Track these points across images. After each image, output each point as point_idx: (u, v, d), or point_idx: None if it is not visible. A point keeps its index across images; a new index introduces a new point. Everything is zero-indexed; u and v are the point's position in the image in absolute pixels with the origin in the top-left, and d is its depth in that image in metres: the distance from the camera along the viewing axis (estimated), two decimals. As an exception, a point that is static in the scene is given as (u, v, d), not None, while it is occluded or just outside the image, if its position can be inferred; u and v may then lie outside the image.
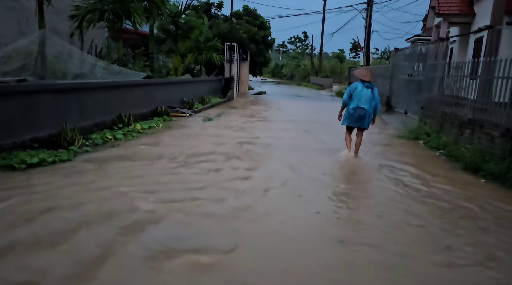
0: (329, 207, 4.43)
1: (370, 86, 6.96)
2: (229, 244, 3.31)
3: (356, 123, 7.01)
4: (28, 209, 3.85)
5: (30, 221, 3.59)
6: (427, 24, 20.36)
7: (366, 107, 6.89)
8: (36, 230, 3.43)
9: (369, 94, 6.90)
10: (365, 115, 6.92)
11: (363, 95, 6.89)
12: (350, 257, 3.23)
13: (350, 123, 7.08)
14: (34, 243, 3.17)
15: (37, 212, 3.78)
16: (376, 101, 7.05)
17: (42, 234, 3.35)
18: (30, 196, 4.23)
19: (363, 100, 6.89)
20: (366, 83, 6.95)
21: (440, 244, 3.51)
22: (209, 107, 14.92)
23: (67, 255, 3.01)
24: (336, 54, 55.85)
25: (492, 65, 7.22)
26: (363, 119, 6.95)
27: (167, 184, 4.94)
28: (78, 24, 9.89)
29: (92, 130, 7.71)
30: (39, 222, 3.59)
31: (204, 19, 18.86)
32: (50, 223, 3.59)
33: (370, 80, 7.01)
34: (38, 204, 3.99)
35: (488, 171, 5.84)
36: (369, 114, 6.96)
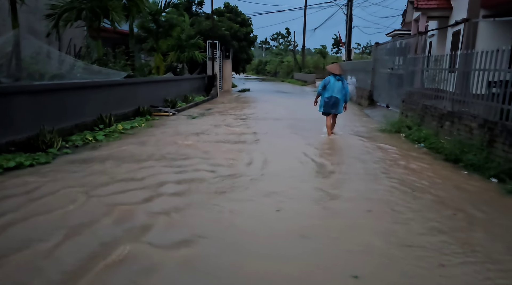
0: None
1: (341, 79, 8.48)
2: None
3: (332, 109, 8.51)
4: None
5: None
6: (406, 19, 20.63)
7: (338, 96, 8.42)
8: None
9: (340, 85, 8.43)
10: (338, 102, 8.45)
11: (336, 87, 8.40)
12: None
13: (326, 110, 8.54)
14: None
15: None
16: (346, 91, 8.56)
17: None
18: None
19: (336, 91, 8.41)
20: (337, 76, 8.45)
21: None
22: (192, 106, 14.81)
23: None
24: (318, 50, 56.02)
25: (469, 57, 7.36)
26: (337, 106, 8.48)
27: (146, 186, 4.87)
28: (55, 23, 9.66)
29: (72, 131, 7.56)
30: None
31: (185, 17, 18.69)
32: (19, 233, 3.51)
33: (340, 73, 8.55)
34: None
35: (468, 161, 5.96)
36: (341, 101, 8.49)
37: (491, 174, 5.46)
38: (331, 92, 8.40)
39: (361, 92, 17.25)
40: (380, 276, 2.93)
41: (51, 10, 9.89)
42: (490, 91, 6.46)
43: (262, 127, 10.08)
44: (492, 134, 6.00)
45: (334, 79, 8.44)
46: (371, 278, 2.90)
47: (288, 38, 71.10)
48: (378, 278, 2.90)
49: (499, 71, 6.26)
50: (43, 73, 7.83)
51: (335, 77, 8.45)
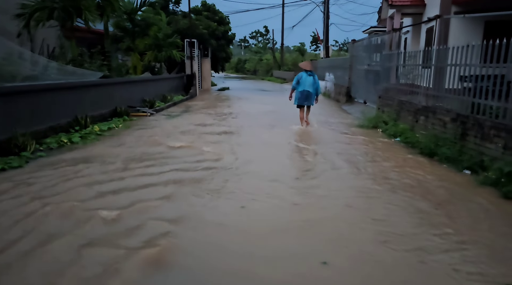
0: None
1: (312, 74, 9.42)
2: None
3: (305, 102, 9.43)
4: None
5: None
6: (381, 16, 20.96)
7: (310, 90, 9.31)
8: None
9: (311, 80, 9.34)
10: (310, 95, 9.36)
11: (308, 81, 9.30)
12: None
13: (300, 102, 9.45)
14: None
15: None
16: (317, 85, 9.49)
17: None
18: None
19: (308, 85, 9.30)
20: (308, 72, 9.40)
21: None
22: (171, 106, 14.66)
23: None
24: (297, 48, 56.25)
25: (441, 53, 7.55)
26: (310, 98, 9.39)
27: (124, 188, 4.80)
28: (25, 23, 9.37)
29: (47, 134, 7.37)
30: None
31: (162, 16, 18.45)
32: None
33: (311, 69, 9.56)
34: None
35: (442, 155, 6.12)
36: (313, 94, 9.39)
37: (464, 166, 5.63)
38: (303, 87, 9.33)
39: (339, 89, 17.45)
40: (349, 263, 3.05)
41: (22, 9, 9.59)
42: (462, 86, 6.65)
43: (242, 123, 10.44)
44: (465, 127, 6.18)
45: (306, 74, 9.39)
46: (340, 264, 3.02)
47: (267, 36, 71.20)
48: (347, 265, 3.03)
49: (470, 66, 6.45)
50: (15, 75, 7.58)
51: (306, 73, 9.41)
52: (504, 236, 3.54)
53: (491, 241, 3.43)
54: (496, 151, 5.33)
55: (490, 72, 5.89)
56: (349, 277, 2.88)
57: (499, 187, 4.66)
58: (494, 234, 3.58)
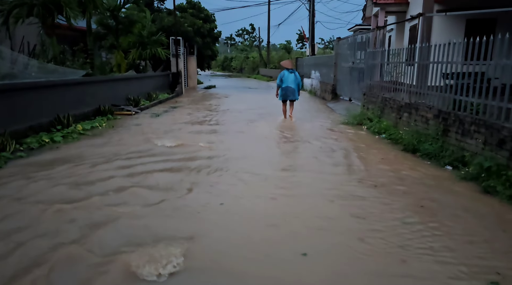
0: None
1: (293, 72, 10.42)
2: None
3: (289, 97, 10.36)
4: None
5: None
6: (366, 14, 21.19)
7: (292, 86, 10.28)
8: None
9: (293, 77, 10.34)
10: (294, 90, 10.32)
11: (290, 78, 10.30)
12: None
13: (284, 97, 10.41)
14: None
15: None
16: (298, 81, 10.49)
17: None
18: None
19: (290, 81, 10.27)
20: (290, 70, 10.38)
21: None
22: (156, 104, 14.52)
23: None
24: (283, 45, 56.34)
25: (424, 51, 7.64)
26: (293, 93, 10.35)
27: (107, 189, 4.72)
28: (4, 20, 9.13)
29: (27, 134, 7.20)
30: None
31: (147, 13, 18.23)
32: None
33: (292, 67, 10.61)
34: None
35: (424, 151, 6.20)
36: (295, 89, 10.35)
37: (445, 162, 5.71)
38: (286, 83, 10.29)
39: (324, 87, 17.54)
40: (328, 255, 3.13)
41: (0, 6, 9.35)
42: (445, 83, 6.74)
43: (228, 119, 10.81)
44: (446, 124, 6.27)
45: (288, 72, 10.36)
46: (318, 256, 3.10)
47: (253, 34, 71.15)
48: (326, 256, 3.11)
49: (452, 63, 6.54)
50: (-8, 73, 7.40)
51: (288, 71, 10.38)
52: (483, 230, 3.60)
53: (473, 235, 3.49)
54: (476, 146, 5.42)
55: (471, 69, 5.99)
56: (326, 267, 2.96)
57: (479, 182, 4.74)
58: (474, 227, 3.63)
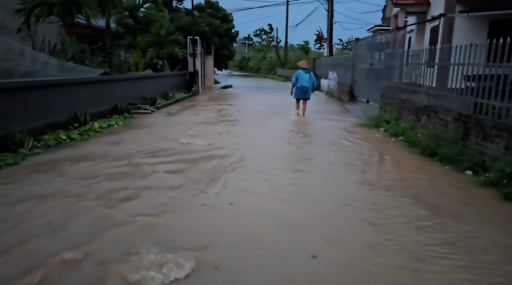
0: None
1: (308, 72, 10.93)
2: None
3: (303, 95, 10.92)
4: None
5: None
6: (386, 14, 20.82)
7: (307, 85, 10.80)
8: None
9: (308, 77, 10.83)
10: (307, 90, 10.84)
11: (305, 78, 10.80)
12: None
13: (298, 96, 10.98)
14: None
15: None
16: (313, 81, 10.97)
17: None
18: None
19: (305, 81, 10.77)
20: (305, 70, 10.91)
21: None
22: (172, 103, 14.60)
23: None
24: (301, 46, 56.06)
25: (445, 52, 7.43)
26: (307, 93, 10.88)
27: (124, 187, 4.73)
28: (25, 18, 9.32)
29: (44, 131, 7.32)
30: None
31: (165, 12, 18.39)
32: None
33: (308, 67, 11.13)
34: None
35: (443, 155, 6.01)
36: (309, 89, 10.85)
37: (465, 166, 5.52)
38: (301, 83, 10.77)
39: (342, 88, 17.32)
40: (337, 258, 3.08)
41: (21, 5, 9.54)
42: (466, 85, 6.54)
43: (245, 118, 10.93)
44: (466, 127, 6.07)
45: (303, 72, 10.86)
46: (328, 258, 3.06)
47: (271, 34, 71.03)
48: (334, 258, 3.07)
49: (474, 65, 6.33)
50: (12, 71, 7.53)
51: (304, 70, 10.88)
52: (504, 240, 3.44)
53: (491, 245, 3.34)
54: (497, 151, 5.22)
55: (493, 71, 5.78)
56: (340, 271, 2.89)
57: (500, 188, 4.56)
58: (493, 239, 3.48)
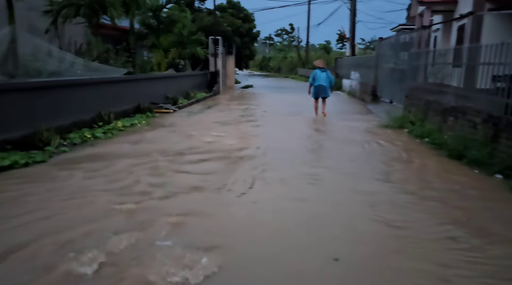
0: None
1: (325, 71, 11.21)
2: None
3: (321, 94, 11.12)
4: None
5: None
6: (411, 13, 20.39)
7: (325, 84, 11.01)
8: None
9: (325, 75, 11.07)
10: (325, 88, 11.04)
11: (322, 77, 11.03)
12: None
13: (316, 95, 11.19)
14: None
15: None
16: (330, 79, 11.24)
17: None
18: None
19: (322, 80, 11.00)
20: (322, 69, 11.17)
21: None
22: (194, 103, 14.71)
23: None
24: (322, 46, 55.62)
25: (474, 51, 7.19)
26: (325, 91, 11.08)
27: (148, 185, 4.77)
28: (53, 19, 9.58)
29: (70, 129, 7.48)
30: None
31: (187, 13, 18.53)
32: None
33: (324, 67, 11.42)
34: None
35: (471, 157, 5.81)
36: (327, 87, 11.08)
37: (495, 170, 5.32)
38: (318, 82, 10.99)
39: (364, 88, 17.06)
40: (360, 260, 2.99)
41: (49, 6, 9.81)
42: (495, 86, 6.31)
43: (266, 117, 11.18)
44: (497, 129, 5.84)
45: (320, 71, 11.12)
46: (351, 262, 2.97)
47: (292, 34, 70.71)
48: (358, 261, 2.97)
49: (504, 65, 6.10)
50: (41, 70, 7.75)
51: (320, 70, 11.14)
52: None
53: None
54: (531, 155, 5.01)
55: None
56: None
57: (534, 194, 4.37)
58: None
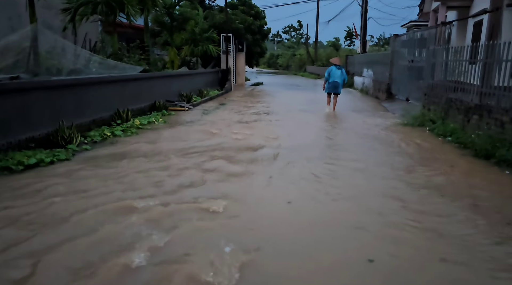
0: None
1: (340, 68, 11.70)
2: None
3: (334, 90, 11.73)
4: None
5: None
6: (424, 9, 20.08)
7: (339, 81, 11.60)
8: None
9: (339, 73, 11.62)
10: (338, 85, 11.64)
11: (336, 74, 11.59)
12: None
13: (330, 90, 11.78)
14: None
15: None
16: (344, 77, 11.80)
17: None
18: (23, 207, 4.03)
19: (337, 77, 11.57)
20: (337, 66, 11.68)
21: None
22: (207, 100, 14.68)
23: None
24: (331, 43, 55.24)
25: (498, 48, 7.02)
26: (338, 87, 11.69)
27: (167, 184, 4.73)
28: (71, 17, 9.57)
29: (90, 127, 7.49)
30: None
31: (199, 10, 18.49)
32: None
33: (340, 64, 11.92)
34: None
35: (501, 157, 5.68)
36: (340, 84, 11.69)
37: (527, 170, 5.20)
38: (333, 78, 11.55)
39: (378, 85, 16.88)
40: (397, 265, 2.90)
41: (67, 4, 9.81)
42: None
43: (281, 114, 11.27)
44: (527, 128, 5.71)
45: (335, 68, 11.62)
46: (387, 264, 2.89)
47: (300, 31, 70.46)
48: (393, 265, 2.89)
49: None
50: (60, 68, 7.75)
51: (336, 67, 11.65)
52: None
53: None
54: None
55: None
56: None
57: None
58: None
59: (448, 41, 9.99)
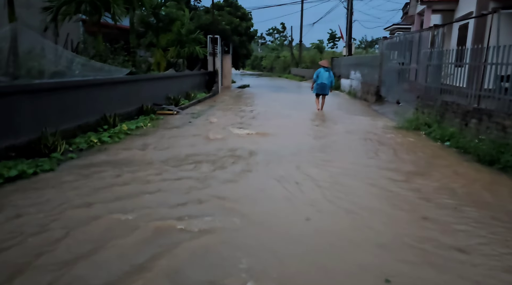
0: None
1: (328, 70, 12.31)
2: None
3: (322, 91, 12.28)
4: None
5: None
6: (409, 12, 20.21)
7: (326, 82, 12.16)
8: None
9: (327, 75, 12.19)
10: (326, 86, 12.22)
11: (325, 75, 12.16)
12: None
13: (318, 91, 12.32)
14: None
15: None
16: (331, 79, 12.34)
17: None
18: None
19: (324, 78, 12.14)
20: (325, 68, 12.27)
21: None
22: (195, 103, 14.29)
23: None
24: (315, 45, 55.37)
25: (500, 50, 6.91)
26: (325, 88, 12.26)
27: (162, 196, 4.38)
28: (53, 17, 9.06)
29: (75, 133, 7.03)
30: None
31: (185, 11, 18.07)
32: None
33: (328, 66, 12.57)
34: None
35: (506, 163, 5.55)
36: (328, 85, 12.23)
37: (535, 176, 5.06)
38: (321, 80, 12.11)
39: (367, 88, 16.81)
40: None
41: (49, 2, 9.28)
42: (499, 86, 6.07)
43: (272, 117, 11.07)
44: (532, 133, 5.59)
45: (324, 70, 12.18)
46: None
47: (284, 33, 70.49)
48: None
49: None
50: (42, 70, 7.26)
51: (324, 69, 12.21)
52: None
53: None
54: None
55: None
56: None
57: None
58: None
59: (442, 43, 9.89)
